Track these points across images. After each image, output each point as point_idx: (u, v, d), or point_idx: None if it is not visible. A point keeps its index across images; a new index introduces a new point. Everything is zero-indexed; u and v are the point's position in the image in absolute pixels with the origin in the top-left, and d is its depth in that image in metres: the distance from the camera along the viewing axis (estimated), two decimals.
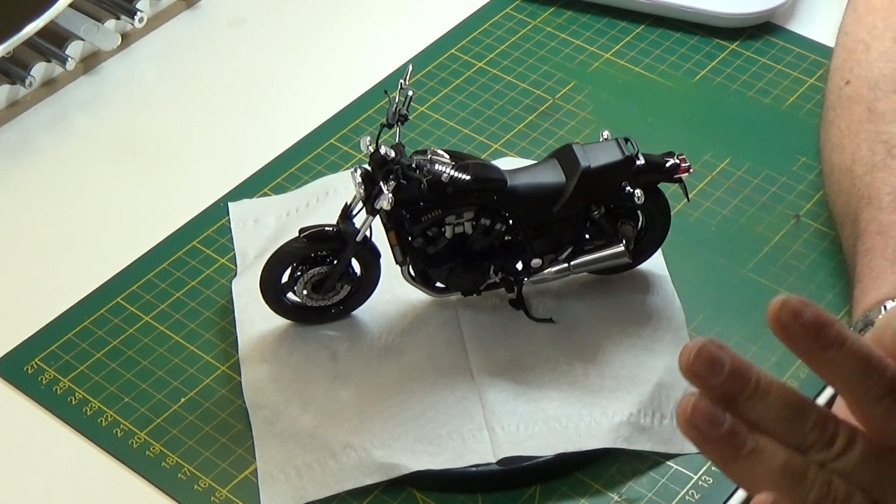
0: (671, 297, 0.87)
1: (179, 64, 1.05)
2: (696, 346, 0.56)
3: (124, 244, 0.92)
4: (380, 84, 1.02)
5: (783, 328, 0.56)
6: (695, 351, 0.56)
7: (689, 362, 0.56)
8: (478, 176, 0.80)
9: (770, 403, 0.57)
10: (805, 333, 0.56)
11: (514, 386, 0.82)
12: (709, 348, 0.56)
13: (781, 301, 0.56)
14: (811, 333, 0.56)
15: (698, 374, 0.56)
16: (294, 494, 0.78)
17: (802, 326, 0.56)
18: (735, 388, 0.57)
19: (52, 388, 0.84)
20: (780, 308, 0.56)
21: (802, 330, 0.56)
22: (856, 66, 0.88)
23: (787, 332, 0.56)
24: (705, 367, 0.56)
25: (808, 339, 0.56)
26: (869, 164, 0.83)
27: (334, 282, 0.83)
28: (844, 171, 0.85)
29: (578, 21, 1.07)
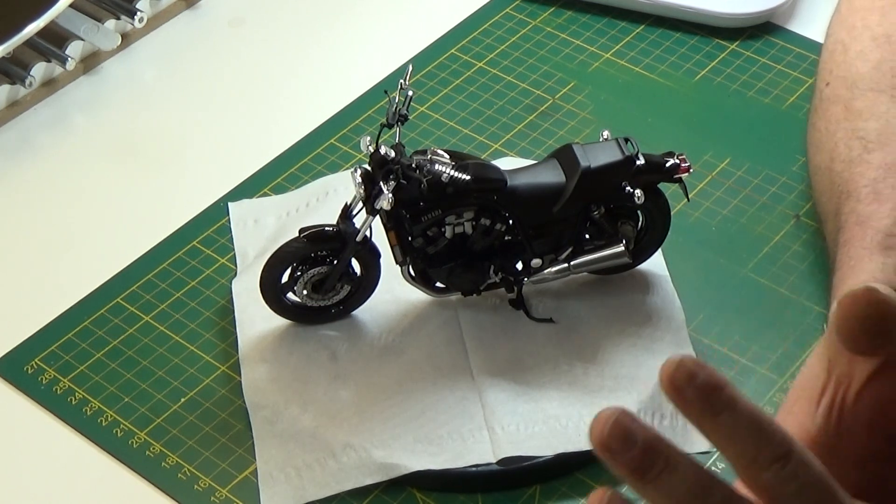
0: (671, 297, 0.87)
1: (179, 64, 1.05)
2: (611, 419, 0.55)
3: (124, 244, 0.92)
4: (380, 84, 1.02)
5: (677, 391, 0.56)
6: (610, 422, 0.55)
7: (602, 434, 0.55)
8: (478, 176, 0.80)
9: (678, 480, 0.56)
10: (698, 397, 0.56)
11: (514, 386, 0.82)
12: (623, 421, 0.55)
13: (676, 362, 0.55)
14: (704, 397, 0.55)
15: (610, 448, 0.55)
16: (294, 494, 0.78)
17: (696, 389, 0.55)
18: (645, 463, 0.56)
19: (52, 388, 0.84)
20: (675, 370, 0.55)
21: (696, 393, 0.55)
22: (835, 68, 0.88)
23: (682, 395, 0.56)
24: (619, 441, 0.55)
25: (701, 402, 0.56)
26: (846, 161, 0.83)
27: (334, 282, 0.83)
28: (824, 170, 0.85)
29: (578, 21, 1.07)
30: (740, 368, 0.84)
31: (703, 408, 0.56)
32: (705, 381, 0.55)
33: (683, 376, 0.55)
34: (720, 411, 0.56)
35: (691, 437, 0.80)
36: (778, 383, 0.84)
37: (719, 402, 0.56)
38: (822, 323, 0.87)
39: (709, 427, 0.56)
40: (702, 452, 0.80)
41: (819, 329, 0.86)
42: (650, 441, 0.56)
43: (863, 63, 0.87)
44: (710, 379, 0.55)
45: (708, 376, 0.55)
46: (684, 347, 0.84)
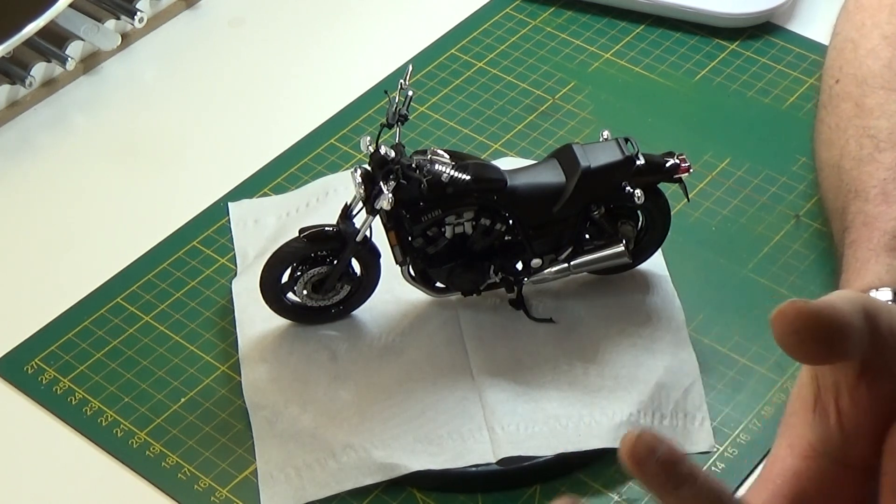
0: (671, 297, 0.87)
1: (179, 64, 1.05)
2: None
3: (124, 244, 0.92)
4: (380, 84, 1.02)
5: (638, 464, 0.56)
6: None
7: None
8: (478, 176, 0.80)
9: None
10: (660, 470, 0.56)
11: (514, 386, 0.82)
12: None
13: (636, 437, 0.56)
14: (666, 470, 0.56)
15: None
16: (294, 494, 0.78)
17: (658, 463, 0.56)
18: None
19: (52, 388, 0.84)
20: (634, 443, 0.56)
21: (658, 467, 0.56)
22: (845, 65, 0.88)
23: (643, 468, 0.56)
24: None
25: (663, 475, 0.56)
26: (856, 159, 0.83)
27: (334, 282, 0.83)
28: (833, 166, 0.85)
29: (578, 21, 1.07)
30: (740, 368, 0.84)
31: (664, 480, 0.56)
32: (665, 455, 0.56)
33: (644, 449, 0.56)
34: (681, 484, 0.56)
35: (692, 437, 0.81)
36: (778, 383, 0.84)
37: (680, 476, 0.56)
38: None
39: (671, 500, 0.57)
40: (702, 452, 0.80)
41: None
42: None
43: (873, 60, 0.87)
44: (670, 453, 0.56)
45: (668, 449, 0.56)
46: (684, 347, 0.84)
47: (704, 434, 0.81)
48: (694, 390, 0.82)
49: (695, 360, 0.84)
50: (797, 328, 0.58)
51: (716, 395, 0.83)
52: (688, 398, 0.82)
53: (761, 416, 0.82)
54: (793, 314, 0.58)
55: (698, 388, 0.83)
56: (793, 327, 0.58)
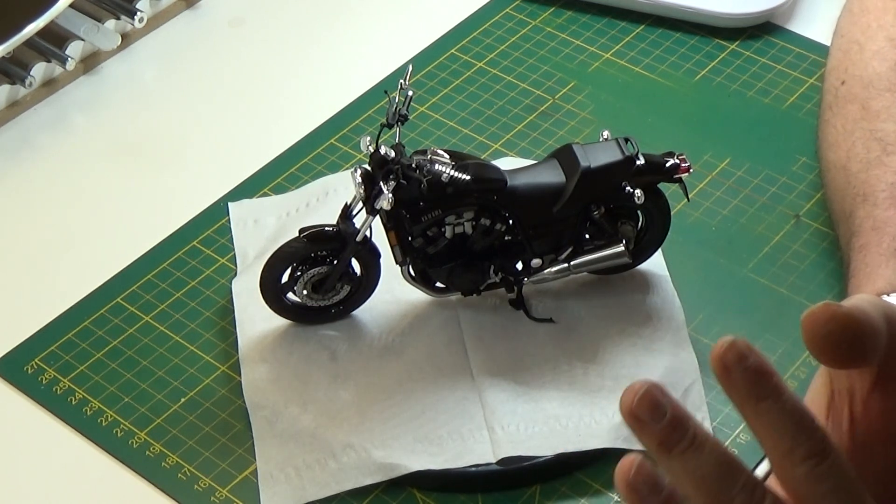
0: (671, 297, 0.87)
1: (179, 64, 1.05)
2: (642, 389, 0.56)
3: (124, 244, 0.92)
4: (380, 84, 1.02)
5: (726, 371, 0.56)
6: (640, 393, 0.56)
7: (631, 404, 0.56)
8: (478, 176, 0.80)
9: (704, 458, 0.56)
10: (745, 380, 0.55)
11: (514, 386, 0.82)
12: (653, 393, 0.56)
13: (729, 342, 0.55)
14: (751, 380, 0.55)
15: (639, 418, 0.56)
16: (294, 494, 0.78)
17: (745, 372, 0.55)
18: (672, 437, 0.56)
19: (52, 388, 0.84)
20: (726, 349, 0.55)
21: (744, 376, 0.55)
22: (850, 66, 0.88)
23: (729, 375, 0.56)
24: (648, 412, 0.56)
25: (747, 386, 0.55)
26: (864, 162, 0.83)
27: (334, 282, 0.83)
28: (839, 168, 0.85)
29: (578, 21, 1.07)
30: None
31: (748, 391, 0.56)
32: (755, 365, 0.55)
33: (734, 357, 0.55)
34: (764, 398, 0.55)
35: None
36: None
37: (765, 389, 0.55)
38: None
39: (750, 412, 0.56)
40: None
41: None
42: (679, 416, 0.56)
43: (879, 63, 0.87)
44: (760, 364, 0.55)
45: (758, 361, 0.55)
46: (684, 347, 0.84)
47: None
48: (694, 390, 0.82)
49: (695, 360, 0.84)
50: (829, 331, 0.57)
51: (716, 395, 0.83)
52: (688, 398, 0.82)
53: None
54: (825, 317, 0.57)
55: (698, 388, 0.83)
56: (825, 330, 0.57)
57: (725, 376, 0.56)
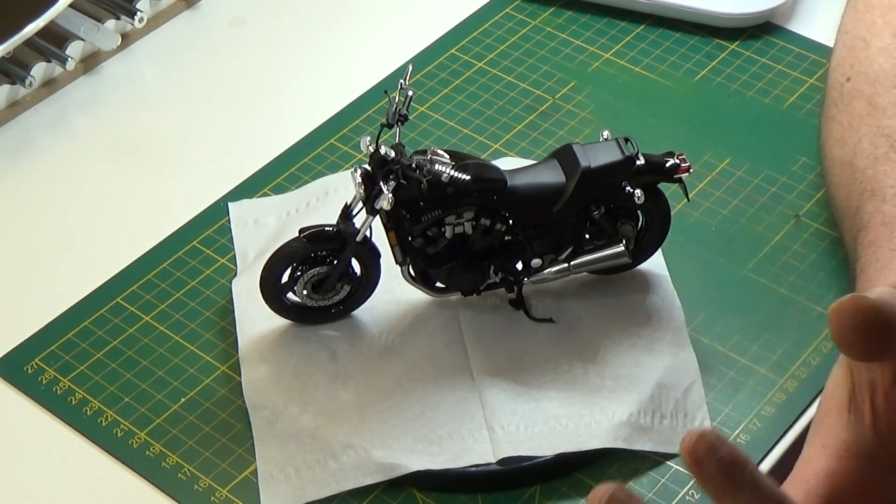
0: (671, 297, 0.87)
1: (179, 64, 1.05)
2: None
3: (124, 244, 0.92)
4: (380, 84, 1.02)
5: (698, 464, 0.55)
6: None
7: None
8: (478, 176, 0.80)
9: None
10: (719, 472, 0.55)
11: (514, 386, 0.82)
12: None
13: (697, 435, 0.55)
14: (725, 472, 0.55)
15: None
16: (294, 494, 0.78)
17: (719, 463, 0.55)
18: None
19: (52, 388, 0.84)
20: (696, 442, 0.55)
21: (717, 467, 0.55)
22: (856, 63, 0.88)
23: (702, 468, 0.55)
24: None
25: (721, 477, 0.55)
26: (871, 158, 0.83)
27: (334, 282, 0.83)
28: (845, 164, 0.85)
29: (578, 21, 1.07)
30: (740, 368, 0.84)
31: (723, 483, 0.55)
32: (727, 456, 0.55)
33: (704, 449, 0.55)
34: (741, 488, 0.55)
35: None
36: (778, 383, 0.84)
37: (740, 480, 0.55)
38: (822, 323, 0.87)
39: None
40: None
41: (819, 329, 0.86)
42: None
43: (885, 59, 0.87)
44: (733, 454, 0.55)
45: (730, 451, 0.55)
46: (684, 347, 0.84)
47: None
48: (694, 390, 0.82)
49: (695, 360, 0.84)
50: (857, 323, 0.57)
51: (716, 395, 0.83)
52: (688, 398, 0.82)
53: (761, 415, 0.82)
54: (853, 309, 0.57)
55: (698, 388, 0.83)
56: (853, 322, 0.57)
57: (698, 469, 0.55)
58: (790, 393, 0.83)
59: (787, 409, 0.82)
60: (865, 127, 0.85)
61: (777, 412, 0.82)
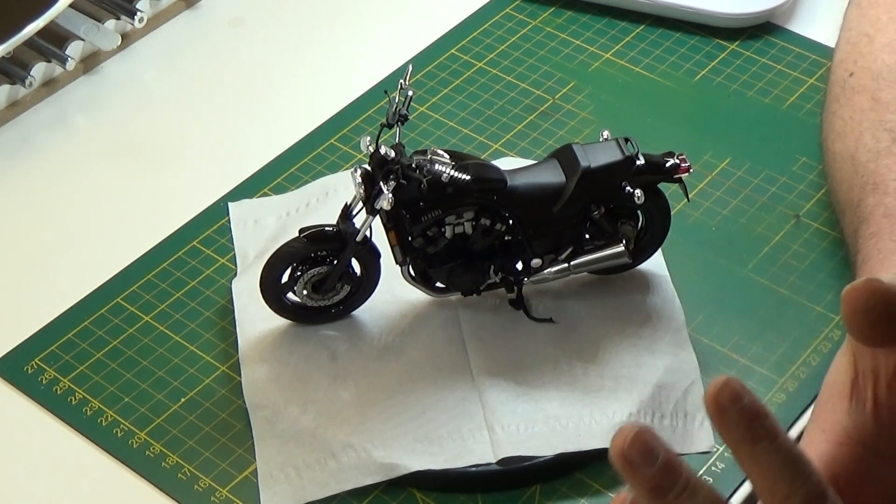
0: (671, 297, 0.87)
1: (179, 64, 1.05)
2: (633, 432, 0.55)
3: (124, 244, 0.92)
4: (380, 84, 1.02)
5: (720, 411, 0.55)
6: (631, 436, 0.55)
7: (622, 447, 0.55)
8: (478, 176, 0.80)
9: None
10: (740, 420, 0.55)
11: (514, 386, 0.82)
12: (644, 436, 0.55)
13: (723, 381, 0.55)
14: (746, 421, 0.55)
15: (630, 461, 0.55)
16: (294, 494, 0.78)
17: (740, 412, 0.55)
18: (665, 482, 0.55)
19: (52, 388, 0.84)
20: (720, 389, 0.55)
21: (739, 416, 0.55)
22: (860, 59, 0.88)
23: (723, 415, 0.55)
24: (639, 455, 0.55)
25: (742, 426, 0.55)
26: (873, 152, 0.83)
27: (334, 282, 0.83)
28: (847, 158, 0.85)
29: (578, 21, 1.07)
30: (740, 368, 0.84)
31: (743, 432, 0.55)
32: (749, 406, 0.55)
33: (728, 396, 0.55)
34: (759, 440, 0.55)
35: (692, 437, 0.81)
36: (778, 383, 0.84)
37: (760, 430, 0.55)
38: (822, 323, 0.87)
39: (745, 455, 0.55)
40: (702, 452, 0.80)
41: (819, 329, 0.86)
42: (671, 460, 0.55)
43: (889, 55, 0.87)
44: (754, 405, 0.55)
45: (752, 402, 0.55)
46: (684, 347, 0.84)
47: (704, 434, 0.81)
48: (694, 390, 0.82)
49: (695, 360, 0.84)
50: (870, 307, 0.57)
51: None
52: (688, 398, 0.82)
53: None
54: (867, 293, 0.57)
55: (698, 388, 0.83)
56: (866, 305, 0.57)
57: (720, 416, 0.55)
58: (790, 393, 0.83)
59: (787, 409, 0.82)
60: (868, 121, 0.85)
61: (777, 412, 0.82)
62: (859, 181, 0.83)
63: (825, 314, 0.87)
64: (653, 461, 0.55)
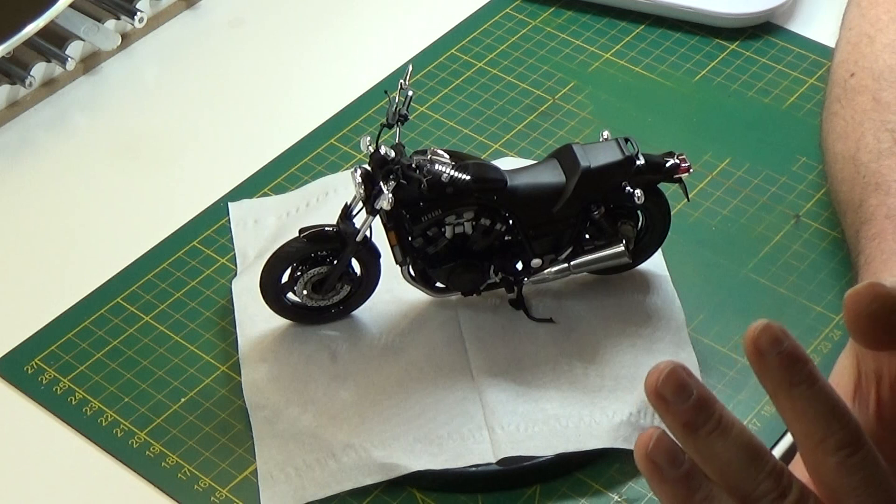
0: (671, 297, 0.87)
1: (179, 64, 1.05)
2: (667, 369, 0.55)
3: (124, 244, 0.92)
4: (380, 84, 1.02)
5: (759, 355, 0.55)
6: (665, 373, 0.55)
7: (656, 384, 0.55)
8: (478, 176, 0.80)
9: (729, 443, 0.56)
10: (780, 364, 0.55)
11: (514, 386, 0.82)
12: (679, 373, 0.55)
13: (763, 325, 0.55)
14: (785, 365, 0.55)
15: (664, 398, 0.55)
16: (294, 494, 0.78)
17: (779, 356, 0.55)
18: (698, 419, 0.55)
19: (52, 388, 0.84)
20: (760, 332, 0.55)
21: (778, 360, 0.55)
22: (861, 59, 0.88)
23: (763, 359, 0.55)
24: (673, 392, 0.55)
25: (781, 370, 0.55)
26: (875, 152, 0.83)
27: (334, 282, 0.83)
28: (848, 159, 0.85)
29: (578, 21, 1.07)
30: (740, 368, 0.84)
31: (781, 376, 0.55)
32: (789, 350, 0.55)
33: (768, 340, 0.55)
34: (798, 383, 0.55)
35: None
36: None
37: (799, 374, 0.55)
38: (822, 323, 0.87)
39: (783, 398, 0.55)
40: None
41: (819, 329, 0.86)
42: (705, 396, 0.55)
43: (890, 55, 0.87)
44: (795, 349, 0.55)
45: (792, 346, 0.55)
46: (684, 347, 0.84)
47: None
48: None
49: (695, 360, 0.84)
50: (872, 311, 0.57)
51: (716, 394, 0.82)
52: None
53: (762, 415, 0.82)
54: (869, 297, 0.57)
55: None
56: (868, 309, 0.57)
57: (759, 360, 0.55)
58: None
59: None
60: (869, 122, 0.85)
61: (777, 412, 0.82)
62: (861, 182, 0.83)
63: (825, 314, 0.87)
64: (686, 397, 0.55)
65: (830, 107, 0.89)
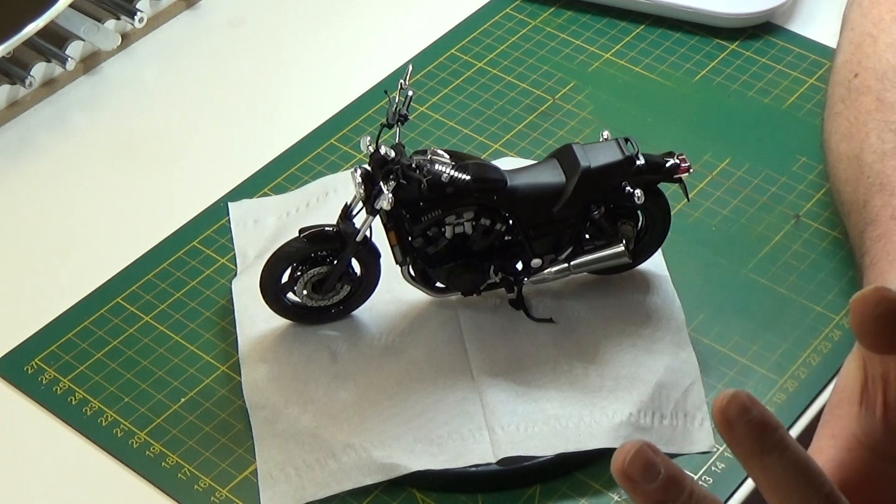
0: (671, 297, 0.87)
1: (179, 64, 1.05)
2: (633, 449, 0.55)
3: (124, 244, 0.92)
4: (380, 84, 1.02)
5: (728, 424, 0.55)
6: (631, 454, 0.55)
7: (623, 464, 0.55)
8: (478, 176, 0.80)
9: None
10: (749, 433, 0.55)
11: (514, 386, 0.82)
12: (645, 452, 0.55)
13: (731, 395, 0.54)
14: (755, 434, 0.55)
15: (632, 479, 0.55)
16: (294, 494, 0.78)
17: (748, 425, 0.54)
18: (667, 497, 0.55)
19: (52, 388, 0.84)
20: (728, 402, 0.54)
21: (747, 429, 0.54)
22: (864, 59, 0.88)
23: (732, 429, 0.55)
24: (640, 473, 0.55)
25: (750, 439, 0.55)
26: (879, 153, 0.83)
27: (334, 282, 0.83)
28: (852, 159, 0.85)
29: (578, 21, 1.07)
30: (740, 368, 0.84)
31: (751, 445, 0.55)
32: (758, 419, 0.54)
33: (736, 409, 0.54)
34: (769, 451, 0.55)
35: (692, 437, 0.81)
36: (778, 383, 0.84)
37: (770, 442, 0.55)
38: (822, 323, 0.87)
39: (754, 466, 0.55)
40: (702, 452, 0.80)
41: (819, 329, 0.86)
42: (673, 475, 0.55)
43: (894, 55, 0.87)
44: (763, 417, 0.54)
45: (761, 413, 0.54)
46: (684, 347, 0.84)
47: (704, 434, 0.81)
48: (694, 390, 0.82)
49: (695, 360, 0.84)
50: (878, 314, 0.57)
51: (716, 394, 0.82)
52: (688, 398, 0.82)
53: None
54: (875, 300, 0.57)
55: (698, 388, 0.83)
56: (874, 312, 0.57)
57: (728, 429, 0.55)
58: (790, 393, 0.83)
59: (787, 409, 0.82)
60: (873, 122, 0.85)
61: (777, 412, 0.82)
62: (865, 182, 0.83)
63: (825, 314, 0.87)
64: (654, 477, 0.55)
65: (834, 107, 0.89)
